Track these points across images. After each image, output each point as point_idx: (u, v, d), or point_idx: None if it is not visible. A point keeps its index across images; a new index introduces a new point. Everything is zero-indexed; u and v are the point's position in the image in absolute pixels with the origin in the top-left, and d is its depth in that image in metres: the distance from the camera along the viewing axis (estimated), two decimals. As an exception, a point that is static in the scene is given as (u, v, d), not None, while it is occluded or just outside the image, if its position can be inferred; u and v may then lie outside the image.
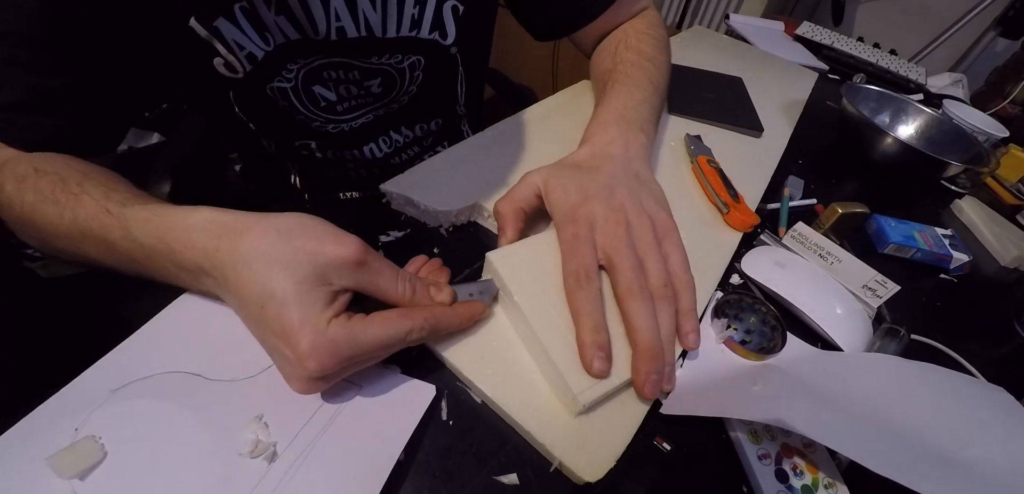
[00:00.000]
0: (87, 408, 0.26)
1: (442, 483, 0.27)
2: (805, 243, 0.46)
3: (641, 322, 0.31)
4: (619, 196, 0.37)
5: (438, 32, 0.50)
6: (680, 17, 1.88)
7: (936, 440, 0.30)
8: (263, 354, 0.29)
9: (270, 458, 0.25)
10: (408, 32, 0.48)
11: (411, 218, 0.42)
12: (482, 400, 0.31)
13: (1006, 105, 1.00)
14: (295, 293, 0.25)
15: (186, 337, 0.30)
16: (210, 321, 0.31)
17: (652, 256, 0.34)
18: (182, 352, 0.29)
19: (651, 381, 0.30)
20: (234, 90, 0.46)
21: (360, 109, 0.53)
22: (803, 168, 0.63)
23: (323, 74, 0.48)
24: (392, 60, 0.49)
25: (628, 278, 0.32)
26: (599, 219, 0.35)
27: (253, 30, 0.41)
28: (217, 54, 0.41)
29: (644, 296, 0.32)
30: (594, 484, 0.27)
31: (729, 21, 1.12)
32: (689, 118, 0.63)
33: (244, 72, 0.43)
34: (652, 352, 0.30)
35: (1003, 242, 0.59)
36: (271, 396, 0.28)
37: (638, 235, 0.35)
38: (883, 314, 0.42)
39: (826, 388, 0.34)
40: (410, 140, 0.60)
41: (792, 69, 0.93)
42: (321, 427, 0.27)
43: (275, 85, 0.46)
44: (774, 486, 0.29)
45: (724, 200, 0.47)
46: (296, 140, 0.54)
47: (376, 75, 0.50)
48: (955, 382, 0.36)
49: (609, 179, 0.38)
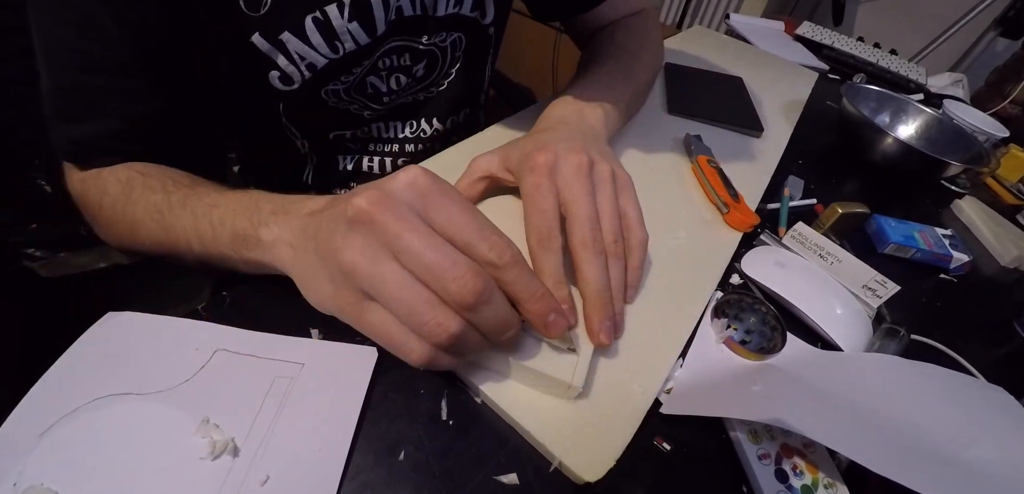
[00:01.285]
0: (20, 460, 0.24)
1: (442, 483, 0.27)
2: (805, 243, 0.46)
3: (591, 274, 0.32)
4: (578, 142, 0.37)
5: (479, 10, 0.51)
6: (680, 17, 1.88)
7: (936, 440, 0.30)
8: (194, 356, 0.29)
9: (233, 452, 0.25)
10: (453, 9, 0.49)
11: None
12: (482, 400, 0.31)
13: (1006, 105, 1.00)
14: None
15: (106, 361, 0.29)
16: (129, 340, 0.30)
17: (608, 208, 0.35)
18: (105, 376, 0.28)
19: (604, 328, 0.31)
20: (284, 101, 0.45)
21: (401, 94, 0.53)
22: (803, 168, 0.63)
23: (379, 63, 0.48)
24: (437, 38, 0.50)
25: (584, 230, 0.33)
26: (561, 162, 0.35)
27: (323, 41, 0.41)
28: (275, 67, 0.41)
29: (597, 249, 0.33)
30: (594, 484, 0.27)
31: (729, 21, 1.12)
32: (689, 118, 0.63)
33: (301, 81, 0.43)
34: (602, 301, 0.31)
35: (1003, 242, 0.59)
36: (212, 396, 0.27)
37: (597, 180, 0.35)
38: (883, 314, 0.42)
39: (826, 388, 0.34)
40: (433, 135, 0.60)
41: (792, 69, 0.93)
42: (274, 412, 0.27)
43: (329, 88, 0.46)
44: (774, 486, 0.29)
45: (724, 200, 0.47)
46: (332, 132, 0.53)
47: (424, 57, 0.50)
48: (955, 382, 0.36)
49: (566, 134, 0.39)
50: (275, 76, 0.42)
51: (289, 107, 0.47)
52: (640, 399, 0.31)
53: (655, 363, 0.33)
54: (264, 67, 0.41)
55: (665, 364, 0.33)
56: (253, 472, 0.25)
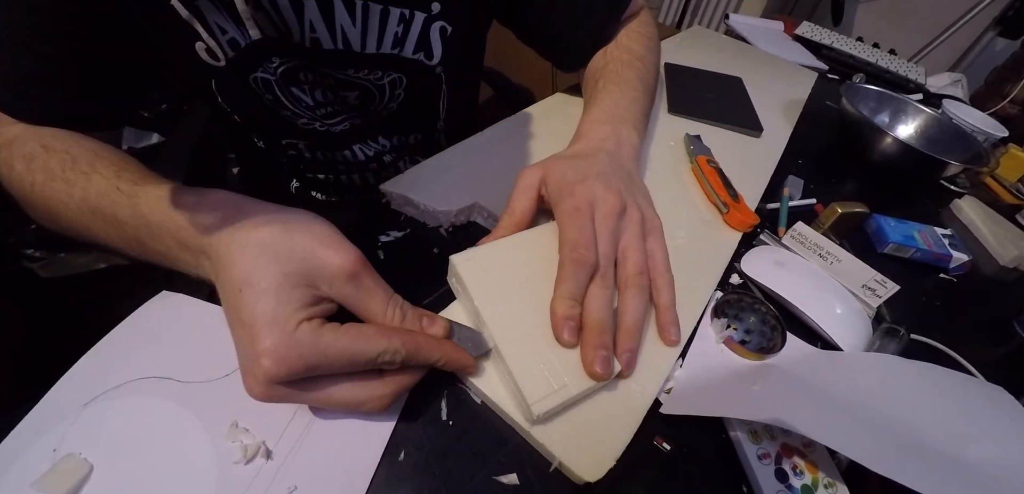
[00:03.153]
0: (61, 426, 0.25)
1: (442, 483, 0.27)
2: (805, 243, 0.46)
3: (592, 304, 0.31)
4: (615, 182, 0.38)
5: (423, 52, 0.49)
6: (680, 17, 1.88)
7: (936, 440, 0.30)
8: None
9: (266, 455, 0.26)
10: (390, 50, 0.46)
11: (411, 218, 0.42)
12: (482, 400, 0.31)
13: (1005, 105, 1.00)
14: (276, 286, 0.24)
15: (154, 341, 0.29)
16: (178, 322, 0.30)
17: (634, 247, 0.35)
18: (150, 357, 0.28)
19: (599, 358, 0.29)
20: (216, 79, 0.44)
21: (338, 115, 0.52)
22: (803, 168, 0.63)
23: (299, 75, 0.46)
24: (371, 76, 0.48)
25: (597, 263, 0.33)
26: (598, 198, 0.36)
27: (230, 21, 0.40)
28: (199, 38, 0.40)
29: (603, 282, 0.32)
30: (594, 484, 0.27)
31: (729, 21, 1.12)
32: (689, 118, 0.63)
33: (226, 60, 0.42)
34: (597, 329, 0.30)
35: (1002, 242, 0.59)
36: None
37: (626, 224, 0.36)
38: (883, 314, 0.42)
39: (826, 388, 0.34)
40: (390, 147, 0.59)
41: (792, 69, 0.93)
42: (306, 422, 0.27)
43: (259, 76, 0.45)
44: (774, 486, 0.29)
45: (724, 200, 0.47)
46: (283, 138, 0.53)
47: (353, 88, 0.49)
48: (955, 382, 0.36)
49: (605, 167, 0.39)
50: (201, 48, 0.41)
51: (222, 86, 0.46)
52: (640, 399, 0.31)
53: (655, 363, 0.33)
54: (189, 36, 0.40)
55: (665, 364, 0.33)
56: (281, 479, 0.25)
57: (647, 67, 0.55)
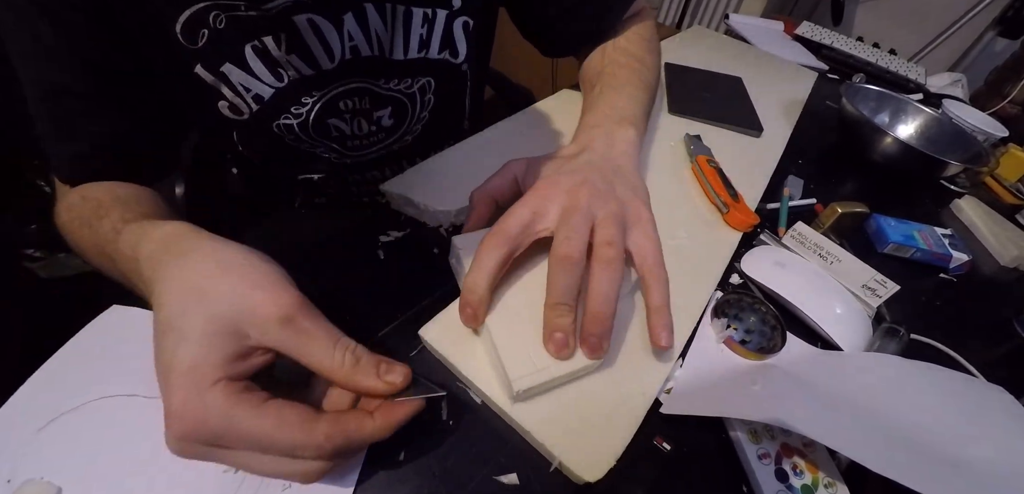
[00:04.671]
0: (13, 455, 0.24)
1: (442, 483, 0.27)
2: (805, 243, 0.46)
3: (552, 283, 0.31)
4: (591, 177, 0.36)
5: (449, 50, 0.49)
6: (680, 17, 1.88)
7: (936, 440, 0.30)
8: None
9: None
10: (417, 53, 0.47)
11: (411, 218, 0.42)
12: (482, 400, 0.31)
13: (1005, 105, 1.00)
14: (199, 332, 0.22)
15: (111, 357, 0.28)
16: (133, 336, 0.28)
17: (604, 225, 0.33)
18: (110, 372, 0.27)
19: (553, 340, 0.30)
20: (238, 131, 0.46)
21: (371, 146, 0.52)
22: (803, 168, 0.63)
23: (339, 104, 0.47)
24: (401, 85, 0.49)
25: (561, 248, 0.32)
26: (563, 192, 0.35)
27: (266, 69, 0.41)
28: (222, 98, 0.41)
29: (569, 263, 0.31)
30: (594, 484, 0.27)
31: (729, 21, 1.12)
32: (689, 118, 0.63)
33: (250, 113, 0.43)
34: (557, 312, 0.30)
35: (1003, 242, 0.59)
36: None
37: (598, 209, 0.34)
38: (883, 314, 0.42)
39: (826, 388, 0.34)
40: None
41: (792, 69, 0.93)
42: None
43: (281, 122, 0.46)
44: (774, 486, 0.29)
45: (724, 200, 0.47)
46: (301, 173, 0.54)
47: (387, 103, 0.50)
48: (955, 382, 0.36)
49: (585, 168, 0.38)
50: (223, 106, 0.42)
51: (244, 136, 0.47)
52: (640, 399, 0.31)
53: (655, 363, 0.33)
54: (212, 97, 0.41)
55: (665, 364, 0.33)
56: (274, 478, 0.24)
57: (647, 67, 0.55)
